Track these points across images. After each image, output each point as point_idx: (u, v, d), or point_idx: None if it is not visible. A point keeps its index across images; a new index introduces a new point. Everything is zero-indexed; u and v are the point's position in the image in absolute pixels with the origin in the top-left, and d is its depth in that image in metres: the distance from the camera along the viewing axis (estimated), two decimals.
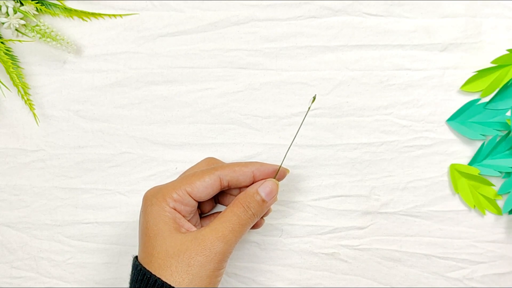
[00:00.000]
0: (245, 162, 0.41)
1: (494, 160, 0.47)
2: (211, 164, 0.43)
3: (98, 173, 0.48)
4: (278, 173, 0.41)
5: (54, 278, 0.49)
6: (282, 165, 0.41)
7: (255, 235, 0.49)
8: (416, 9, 0.46)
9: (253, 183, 0.41)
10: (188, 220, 0.40)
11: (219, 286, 0.41)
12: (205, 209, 0.44)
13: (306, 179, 0.48)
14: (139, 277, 0.37)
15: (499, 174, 0.47)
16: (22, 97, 0.47)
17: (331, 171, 0.48)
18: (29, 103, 0.47)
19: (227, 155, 0.47)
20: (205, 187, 0.39)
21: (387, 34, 0.47)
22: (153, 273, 0.36)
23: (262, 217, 0.44)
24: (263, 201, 0.39)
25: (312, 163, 0.48)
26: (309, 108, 0.43)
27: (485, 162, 0.47)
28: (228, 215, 0.38)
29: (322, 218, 0.48)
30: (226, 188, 0.41)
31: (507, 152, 0.46)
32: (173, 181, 0.41)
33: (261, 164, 0.41)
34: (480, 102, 0.46)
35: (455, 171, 0.47)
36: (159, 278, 0.36)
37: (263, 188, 0.40)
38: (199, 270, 0.36)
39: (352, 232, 0.48)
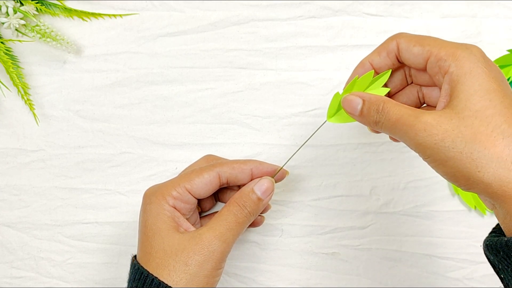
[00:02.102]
0: (244, 160, 0.41)
1: None
2: (210, 161, 0.43)
3: (98, 173, 0.48)
4: (277, 174, 0.41)
5: (54, 278, 0.49)
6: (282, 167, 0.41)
7: (255, 235, 0.49)
8: (416, 9, 0.46)
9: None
10: (187, 219, 0.40)
11: (219, 286, 0.41)
12: (205, 207, 0.44)
13: (306, 179, 0.48)
14: (136, 276, 0.37)
15: None
16: (22, 97, 0.47)
17: (331, 171, 0.48)
18: (29, 103, 0.47)
19: (227, 155, 0.47)
20: (205, 184, 0.39)
21: (387, 34, 0.46)
22: (150, 272, 0.36)
23: (261, 214, 0.44)
24: (259, 199, 0.39)
25: (312, 163, 0.48)
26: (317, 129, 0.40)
27: None
28: (225, 214, 0.38)
29: (322, 218, 0.48)
30: (226, 185, 0.41)
31: None
32: (172, 179, 0.41)
33: (260, 162, 0.41)
34: None
35: None
36: (156, 278, 0.36)
37: (258, 187, 0.39)
38: (197, 270, 0.36)
39: (352, 232, 0.48)
